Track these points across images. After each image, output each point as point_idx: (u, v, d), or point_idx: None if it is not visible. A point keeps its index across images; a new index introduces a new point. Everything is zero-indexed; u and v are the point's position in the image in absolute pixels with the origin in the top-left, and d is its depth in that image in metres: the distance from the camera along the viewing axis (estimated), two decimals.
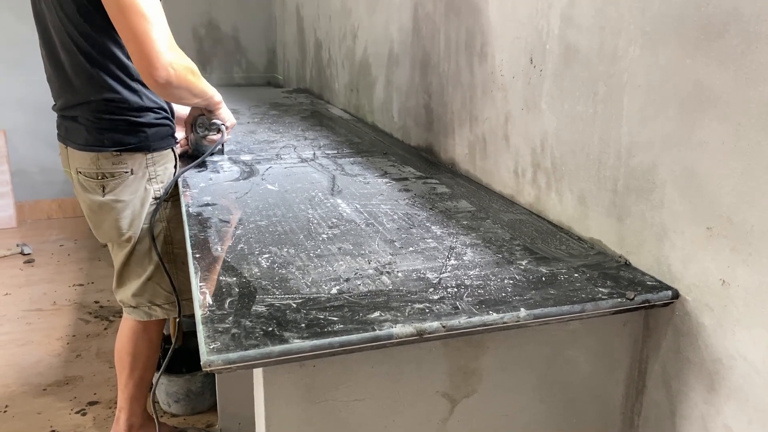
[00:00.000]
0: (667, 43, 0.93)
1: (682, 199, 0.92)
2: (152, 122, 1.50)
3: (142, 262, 1.62)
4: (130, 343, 1.74)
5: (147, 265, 1.62)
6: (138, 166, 1.50)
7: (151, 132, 1.50)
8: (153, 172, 1.52)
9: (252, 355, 0.76)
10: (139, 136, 1.48)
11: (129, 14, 1.27)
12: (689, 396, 0.94)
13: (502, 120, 1.39)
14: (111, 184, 1.50)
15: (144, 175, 1.52)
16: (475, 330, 0.85)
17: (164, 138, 1.53)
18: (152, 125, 1.50)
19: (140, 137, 1.48)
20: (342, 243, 1.12)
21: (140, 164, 1.50)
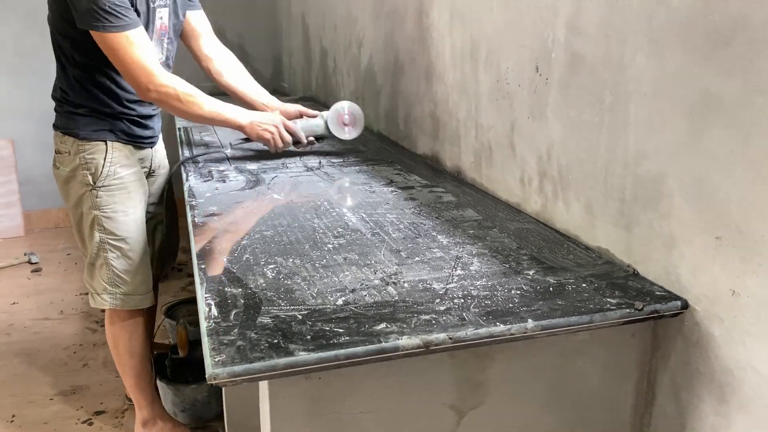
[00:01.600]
0: (674, 52, 0.92)
1: (691, 208, 0.91)
2: (84, 114, 1.69)
3: (84, 247, 1.78)
4: (108, 332, 1.87)
5: (87, 251, 1.76)
6: (73, 148, 1.70)
7: (82, 122, 1.69)
8: (83, 158, 1.69)
9: (257, 368, 0.76)
10: (72, 124, 1.70)
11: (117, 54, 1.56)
12: (699, 407, 0.93)
13: (507, 128, 1.39)
14: (58, 159, 1.74)
15: (76, 157, 1.69)
16: (482, 341, 0.85)
17: (94, 131, 1.70)
18: (84, 116, 1.69)
19: (72, 124, 1.70)
20: (348, 253, 1.11)
21: (74, 147, 1.69)
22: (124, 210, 1.72)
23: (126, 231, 1.73)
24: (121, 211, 1.72)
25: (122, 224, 1.72)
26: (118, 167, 1.71)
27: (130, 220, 1.73)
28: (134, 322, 1.82)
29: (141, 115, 1.76)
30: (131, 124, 1.74)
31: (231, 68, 1.96)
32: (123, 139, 1.73)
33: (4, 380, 2.30)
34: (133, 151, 1.77)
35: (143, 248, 1.78)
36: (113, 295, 1.76)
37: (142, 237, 1.78)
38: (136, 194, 1.76)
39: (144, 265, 1.79)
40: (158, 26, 1.71)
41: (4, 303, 2.93)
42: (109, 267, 1.73)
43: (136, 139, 1.77)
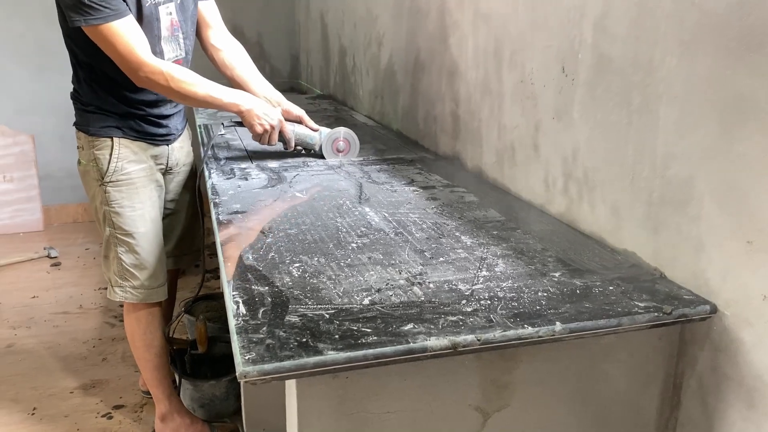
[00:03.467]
0: (706, 54, 0.91)
1: (721, 211, 0.91)
2: (93, 111, 1.72)
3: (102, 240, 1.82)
4: (125, 325, 1.89)
5: (102, 243, 1.82)
6: (86, 143, 1.75)
7: (91, 119, 1.73)
8: (92, 153, 1.73)
9: (287, 367, 0.76)
10: (83, 120, 1.75)
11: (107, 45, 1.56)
12: (727, 413, 0.92)
13: (531, 128, 1.38)
14: (79, 154, 1.80)
15: (89, 152, 1.74)
16: (509, 344, 0.84)
17: (102, 127, 1.72)
18: (93, 113, 1.72)
19: (84, 121, 1.75)
20: (372, 252, 1.11)
21: (87, 143, 1.74)
22: (131, 205, 1.74)
23: (133, 226, 1.75)
24: (128, 206, 1.74)
25: (129, 219, 1.74)
26: (125, 163, 1.73)
27: (137, 216, 1.75)
28: (148, 315, 1.84)
29: (152, 114, 1.76)
30: (142, 122, 1.75)
31: (239, 60, 1.93)
32: (132, 136, 1.74)
33: (25, 373, 2.33)
34: (145, 148, 1.77)
35: (152, 243, 1.79)
36: (123, 288, 1.79)
37: (152, 232, 1.79)
38: (145, 190, 1.77)
39: (153, 260, 1.80)
40: (167, 22, 1.69)
41: (25, 296, 2.96)
42: (118, 261, 1.76)
43: (148, 136, 1.77)
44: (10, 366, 2.38)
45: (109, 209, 1.74)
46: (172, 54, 1.74)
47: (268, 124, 1.70)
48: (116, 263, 1.77)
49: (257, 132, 1.71)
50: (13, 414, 2.09)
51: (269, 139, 1.73)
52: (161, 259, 1.83)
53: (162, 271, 1.83)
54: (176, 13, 1.72)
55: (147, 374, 1.89)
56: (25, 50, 3.74)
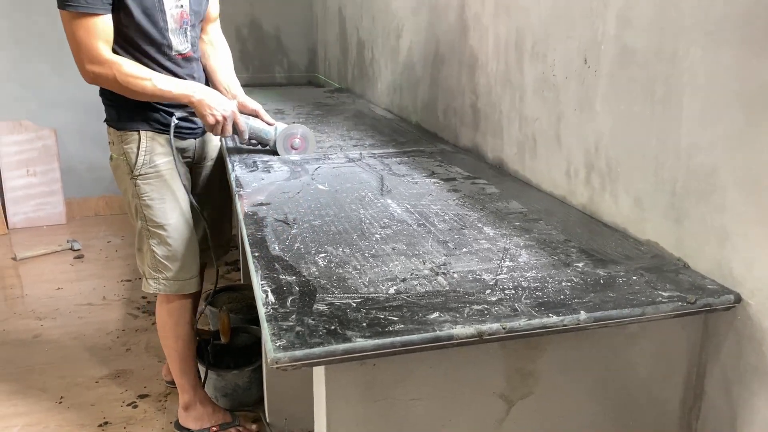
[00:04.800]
0: (731, 44, 0.91)
1: (746, 201, 0.91)
2: (119, 106, 1.74)
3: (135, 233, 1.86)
4: (157, 315, 1.91)
5: (136, 236, 1.85)
6: (116, 138, 1.78)
7: (118, 113, 1.76)
8: (122, 148, 1.76)
9: (317, 353, 0.78)
10: (112, 115, 1.78)
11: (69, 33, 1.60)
12: (751, 402, 0.93)
13: (553, 120, 1.39)
14: (110, 149, 1.82)
15: (119, 147, 1.77)
16: (534, 332, 0.85)
17: (128, 122, 1.75)
18: (119, 108, 1.74)
19: (112, 116, 1.78)
20: (395, 243, 1.13)
21: (116, 138, 1.77)
22: (161, 198, 1.76)
23: (164, 218, 1.77)
24: (158, 198, 1.76)
25: (159, 211, 1.76)
26: (152, 156, 1.75)
27: (167, 208, 1.77)
28: (180, 307, 1.87)
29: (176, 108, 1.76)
30: (167, 115, 1.76)
31: (217, 53, 1.99)
32: (158, 129, 1.76)
33: (52, 362, 2.38)
34: (174, 140, 1.77)
35: (184, 235, 1.81)
36: (156, 280, 1.81)
37: (183, 224, 1.80)
38: (174, 182, 1.78)
39: (185, 251, 1.81)
40: (177, 15, 1.71)
41: (50, 288, 3.02)
42: (151, 253, 1.79)
43: (175, 129, 1.76)
44: (37, 355, 2.43)
45: (140, 202, 1.76)
46: (180, 47, 1.74)
47: (221, 115, 1.70)
48: (149, 256, 1.80)
49: (209, 123, 1.71)
50: (41, 402, 2.13)
51: (222, 129, 1.72)
52: (193, 251, 1.84)
53: (195, 262, 1.85)
54: (187, 6, 1.73)
55: (174, 365, 1.92)
56: (48, 46, 3.79)
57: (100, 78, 1.63)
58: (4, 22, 3.69)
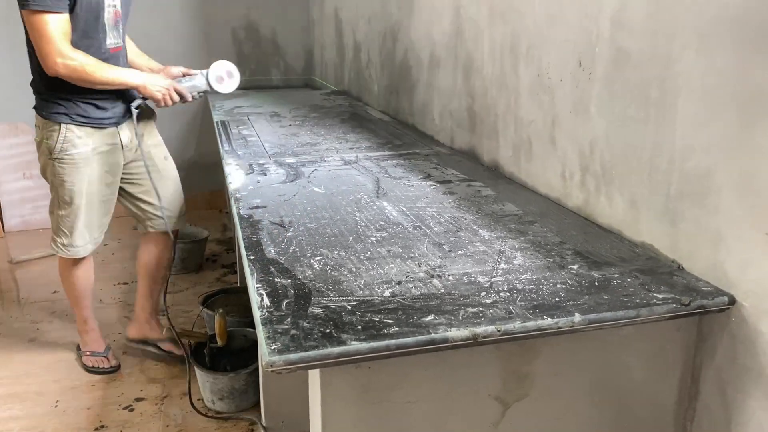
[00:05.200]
0: (725, 47, 0.92)
1: (740, 204, 0.91)
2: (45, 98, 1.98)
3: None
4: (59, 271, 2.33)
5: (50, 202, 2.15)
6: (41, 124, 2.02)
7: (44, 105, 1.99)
8: (45, 134, 2.00)
9: (312, 356, 0.78)
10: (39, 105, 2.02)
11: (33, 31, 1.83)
12: (746, 403, 0.93)
13: (548, 122, 1.39)
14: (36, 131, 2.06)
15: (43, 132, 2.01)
16: (529, 335, 0.86)
17: (52, 113, 1.98)
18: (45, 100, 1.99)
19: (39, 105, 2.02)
20: (391, 246, 1.13)
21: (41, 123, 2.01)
22: (71, 181, 2.02)
23: (69, 197, 2.04)
24: (68, 181, 2.02)
25: (68, 191, 2.03)
26: (68, 146, 1.99)
27: (75, 190, 2.04)
28: (74, 267, 2.26)
29: (97, 98, 2.00)
30: (87, 107, 1.99)
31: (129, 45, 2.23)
32: (78, 122, 1.99)
33: (48, 366, 2.37)
34: (91, 132, 2.02)
35: (83, 213, 2.09)
36: (55, 243, 2.17)
37: (84, 205, 2.07)
38: (86, 169, 2.03)
39: (81, 226, 2.11)
40: (112, 13, 1.98)
41: (46, 292, 3.01)
42: (57, 218, 2.12)
43: (95, 120, 2.02)
44: (32, 359, 2.42)
45: (54, 179, 2.04)
46: (113, 41, 2.02)
47: (163, 88, 2.01)
48: (55, 220, 2.13)
49: (157, 98, 2.01)
50: (37, 406, 2.13)
51: (170, 99, 2.03)
52: (94, 225, 2.15)
53: (95, 233, 2.17)
54: (120, 6, 2.01)
55: (78, 310, 2.34)
56: None
57: (68, 69, 1.84)
58: (2, 24, 3.69)
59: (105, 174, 2.09)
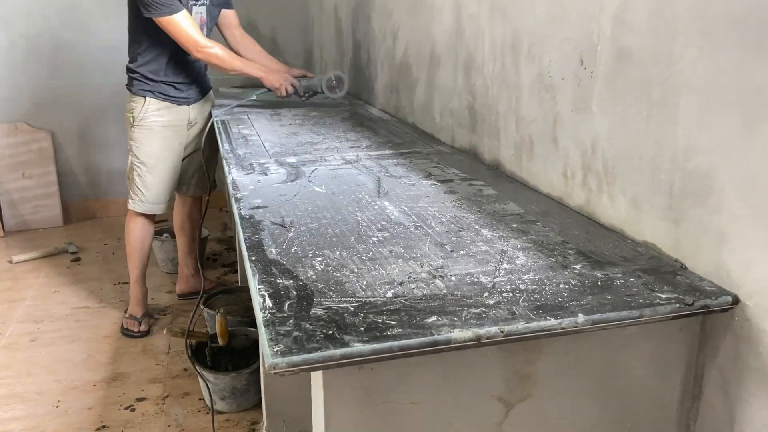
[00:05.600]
0: (728, 45, 0.91)
1: (743, 203, 0.91)
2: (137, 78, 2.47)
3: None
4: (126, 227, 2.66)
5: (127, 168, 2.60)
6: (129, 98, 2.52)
7: (134, 83, 2.48)
8: (131, 106, 2.49)
9: (315, 358, 0.78)
10: (129, 83, 2.52)
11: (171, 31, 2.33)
12: (750, 403, 0.93)
13: (550, 121, 1.39)
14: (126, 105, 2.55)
15: (129, 105, 2.51)
16: (532, 335, 0.85)
17: (140, 89, 2.47)
18: (137, 79, 2.47)
19: (129, 83, 2.52)
20: (393, 246, 1.13)
21: (130, 98, 2.51)
22: (148, 144, 2.48)
23: (144, 158, 2.49)
24: (145, 144, 2.48)
25: (144, 154, 2.49)
26: (148, 115, 2.46)
27: (150, 151, 2.49)
28: (144, 224, 2.60)
29: (177, 82, 2.49)
30: (168, 88, 2.47)
31: (249, 50, 2.73)
32: (159, 97, 2.47)
33: (48, 366, 2.37)
34: (170, 107, 2.49)
35: (157, 174, 2.52)
36: (133, 200, 2.54)
37: (157, 167, 2.51)
38: (160, 136, 2.49)
39: (156, 185, 2.53)
40: (198, 19, 2.46)
41: (47, 291, 3.01)
42: (134, 180, 2.53)
43: (172, 98, 2.49)
44: (33, 359, 2.42)
45: (133, 144, 2.49)
46: None
47: (282, 78, 2.53)
48: (133, 182, 2.52)
49: (276, 86, 2.52)
50: (38, 407, 2.13)
51: (285, 90, 2.53)
52: (165, 187, 2.55)
53: (164, 195, 2.57)
54: (205, 13, 2.50)
55: (131, 268, 2.63)
56: (42, 49, 3.78)
57: (204, 56, 2.37)
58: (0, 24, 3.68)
59: (176, 144, 2.54)
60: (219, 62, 2.39)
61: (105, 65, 3.86)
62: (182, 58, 2.46)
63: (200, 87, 2.61)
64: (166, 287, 3.05)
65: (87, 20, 3.80)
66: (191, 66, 2.52)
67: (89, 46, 3.83)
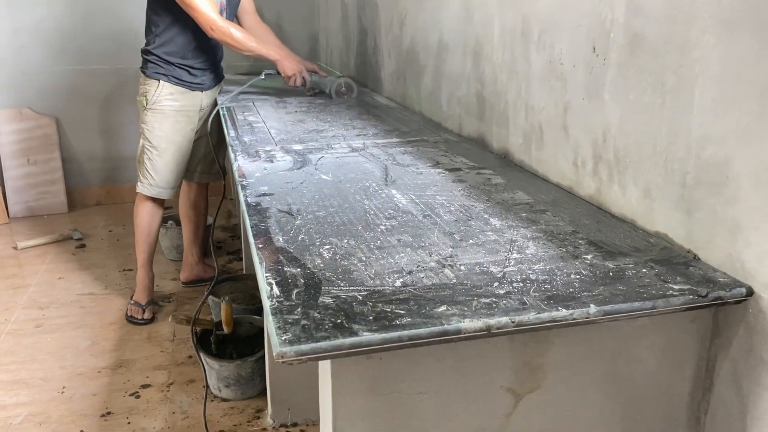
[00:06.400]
0: (745, 33, 0.89)
1: (759, 194, 0.89)
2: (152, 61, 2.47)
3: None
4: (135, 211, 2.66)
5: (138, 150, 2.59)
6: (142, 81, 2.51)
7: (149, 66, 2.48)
8: (145, 89, 2.48)
9: (323, 347, 0.77)
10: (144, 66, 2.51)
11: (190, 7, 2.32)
12: (763, 396, 0.92)
13: (560, 109, 1.37)
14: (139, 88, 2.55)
15: (143, 88, 2.49)
16: (543, 326, 0.84)
17: (155, 72, 2.46)
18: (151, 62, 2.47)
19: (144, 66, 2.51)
20: (401, 235, 1.11)
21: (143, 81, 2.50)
22: (159, 128, 2.47)
23: (156, 141, 2.48)
24: (157, 128, 2.47)
25: (155, 137, 2.48)
26: (162, 99, 2.45)
27: (161, 136, 2.48)
28: (153, 208, 2.60)
29: (192, 66, 2.48)
30: (182, 72, 2.46)
31: (263, 38, 2.66)
32: (173, 81, 2.46)
33: (54, 352, 2.37)
34: (184, 92, 2.48)
35: (167, 158, 2.51)
36: (142, 183, 2.53)
37: (168, 151, 2.50)
38: (172, 120, 2.48)
39: (166, 169, 2.52)
40: (218, 4, 2.43)
41: (52, 277, 3.01)
42: (144, 164, 2.52)
43: (185, 83, 2.48)
44: (38, 345, 2.43)
45: (145, 127, 2.49)
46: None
47: (296, 67, 2.50)
48: (142, 166, 2.52)
49: (287, 74, 2.51)
50: (43, 392, 2.13)
51: (295, 80, 2.51)
52: (174, 172, 2.55)
53: (173, 180, 2.56)
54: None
55: (138, 252, 2.64)
56: (47, 34, 3.76)
57: (218, 34, 2.34)
58: (4, 9, 3.66)
59: (187, 129, 2.54)
60: (234, 42, 2.36)
61: (110, 52, 3.84)
62: (200, 43, 2.44)
63: (215, 74, 2.60)
64: (171, 275, 3.05)
65: (92, 7, 3.77)
66: (208, 52, 2.50)
67: (94, 32, 3.81)
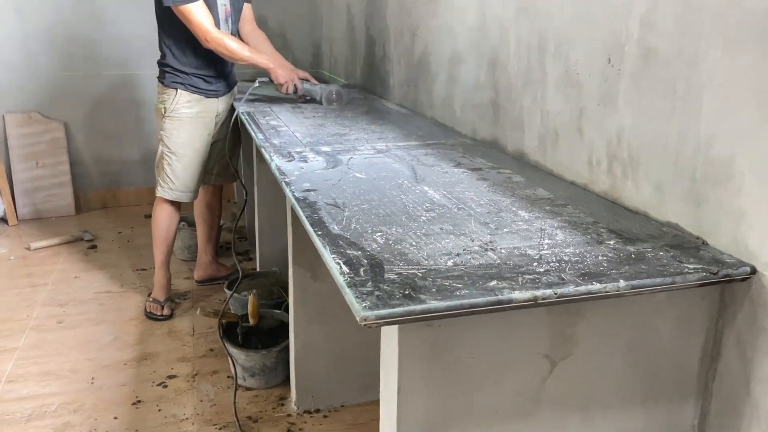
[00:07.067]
0: (747, 48, 1.04)
1: (761, 186, 1.04)
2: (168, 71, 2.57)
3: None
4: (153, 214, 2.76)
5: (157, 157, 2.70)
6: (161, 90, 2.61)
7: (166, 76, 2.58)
8: (162, 98, 2.59)
9: (399, 312, 0.90)
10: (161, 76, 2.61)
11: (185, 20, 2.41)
12: (764, 361, 1.06)
13: (576, 114, 1.51)
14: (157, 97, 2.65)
15: (161, 97, 2.60)
16: (581, 297, 0.98)
17: (172, 82, 2.57)
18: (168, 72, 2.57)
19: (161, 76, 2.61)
20: (442, 224, 1.25)
21: (161, 90, 2.60)
22: (177, 134, 2.58)
23: (175, 147, 2.59)
24: (175, 135, 2.58)
25: (174, 144, 2.59)
26: (179, 106, 2.56)
27: (180, 142, 2.59)
28: (171, 212, 2.71)
29: (207, 75, 2.59)
30: (198, 80, 2.58)
31: (258, 45, 2.76)
32: (190, 90, 2.57)
33: (78, 347, 2.47)
34: (200, 99, 2.59)
35: (185, 163, 2.62)
36: (162, 188, 2.64)
37: (186, 157, 2.61)
38: (189, 127, 2.59)
39: (185, 174, 2.63)
40: (223, 10, 2.54)
41: (68, 277, 3.10)
42: (163, 169, 2.63)
43: (202, 90, 2.60)
44: (63, 340, 2.52)
45: (164, 134, 2.60)
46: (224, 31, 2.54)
47: (288, 76, 2.60)
48: (162, 171, 2.63)
49: (281, 82, 2.60)
50: (74, 383, 2.23)
51: (287, 88, 2.60)
52: (192, 176, 2.65)
53: (192, 184, 2.66)
54: (229, 5, 2.57)
55: (156, 254, 2.73)
56: (57, 41, 3.85)
57: (213, 44, 2.42)
58: (15, 16, 3.75)
59: (204, 135, 2.65)
60: (228, 52, 2.45)
61: (117, 57, 3.94)
62: (209, 52, 2.51)
63: (228, 80, 2.71)
64: (183, 274, 3.15)
65: (100, 13, 3.87)
66: (219, 60, 2.59)
67: (102, 38, 3.91)
